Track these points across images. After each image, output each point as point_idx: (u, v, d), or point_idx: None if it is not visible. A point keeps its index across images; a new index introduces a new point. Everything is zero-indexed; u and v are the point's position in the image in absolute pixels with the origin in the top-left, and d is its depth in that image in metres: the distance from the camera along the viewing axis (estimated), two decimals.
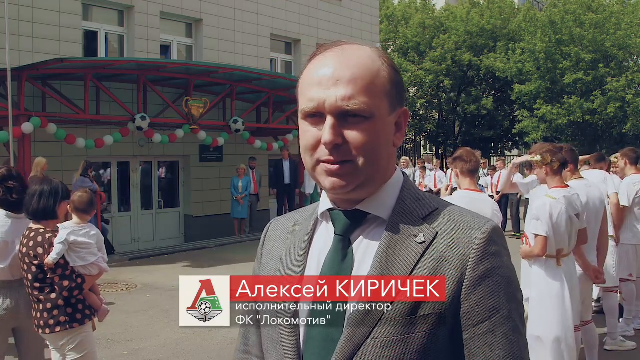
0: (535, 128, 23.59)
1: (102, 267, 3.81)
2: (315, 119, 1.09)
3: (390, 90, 1.11)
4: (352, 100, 1.06)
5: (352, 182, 1.09)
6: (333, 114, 1.07)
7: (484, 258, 1.06)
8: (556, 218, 4.10)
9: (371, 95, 1.08)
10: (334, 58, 1.10)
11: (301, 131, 1.13)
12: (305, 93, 1.11)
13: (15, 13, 10.21)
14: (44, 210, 3.64)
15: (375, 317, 1.04)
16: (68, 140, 9.96)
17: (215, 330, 6.35)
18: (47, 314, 3.55)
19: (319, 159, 1.09)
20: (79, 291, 3.62)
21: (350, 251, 1.12)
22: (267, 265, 1.25)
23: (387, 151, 1.13)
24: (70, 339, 3.61)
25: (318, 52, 1.15)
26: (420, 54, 27.01)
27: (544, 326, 4.10)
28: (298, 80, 1.18)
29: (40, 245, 3.55)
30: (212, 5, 13.58)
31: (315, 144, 1.09)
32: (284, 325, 1.13)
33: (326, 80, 1.08)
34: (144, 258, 10.86)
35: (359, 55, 1.11)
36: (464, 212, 1.13)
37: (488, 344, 1.04)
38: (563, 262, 4.17)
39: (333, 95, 1.07)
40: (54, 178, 3.88)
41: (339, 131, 1.07)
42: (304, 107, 1.11)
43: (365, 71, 1.09)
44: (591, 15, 22.75)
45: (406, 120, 1.17)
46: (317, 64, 1.12)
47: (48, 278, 3.55)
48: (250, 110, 13.08)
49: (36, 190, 3.65)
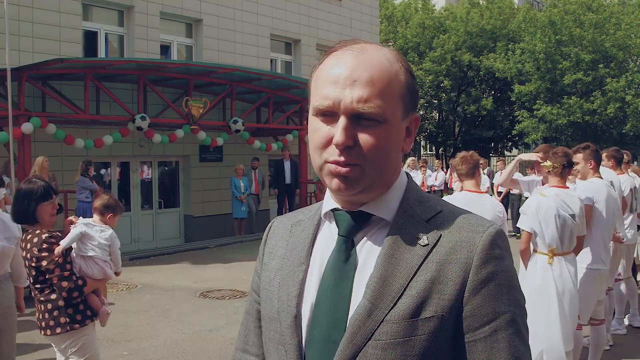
0: (535, 128, 23.59)
1: (107, 273, 3.80)
2: (328, 117, 1.07)
3: (405, 95, 1.10)
4: (368, 102, 1.04)
5: (358, 186, 1.08)
6: (347, 114, 1.05)
7: (487, 261, 1.05)
8: (544, 214, 4.10)
9: (387, 99, 1.06)
10: (353, 57, 1.07)
11: (312, 128, 1.11)
12: (319, 89, 1.08)
13: (15, 13, 10.21)
14: (21, 213, 3.56)
15: (377, 319, 1.04)
16: (67, 141, 9.96)
17: (215, 330, 6.36)
18: (47, 315, 3.53)
19: (327, 159, 1.08)
20: (78, 293, 3.57)
21: (354, 252, 1.12)
22: (269, 264, 1.24)
23: (396, 156, 1.11)
24: (73, 341, 3.58)
25: (336, 48, 1.11)
26: (420, 54, 27.02)
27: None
28: (312, 73, 1.14)
29: (36, 246, 3.50)
30: (212, 5, 13.58)
31: (325, 142, 1.07)
32: (286, 326, 1.12)
33: (343, 79, 1.05)
34: (144, 258, 10.86)
35: (378, 57, 1.08)
36: (468, 215, 1.13)
37: (490, 347, 1.04)
38: (555, 261, 4.14)
39: (349, 96, 1.04)
40: (51, 175, 3.85)
41: (351, 133, 1.05)
42: (318, 104, 1.08)
43: (383, 74, 1.06)
44: (591, 15, 22.75)
45: (416, 126, 1.15)
46: (334, 61, 1.09)
47: (47, 279, 3.52)
48: (250, 110, 13.09)
49: (16, 192, 3.61)
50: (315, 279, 1.14)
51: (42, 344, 5.58)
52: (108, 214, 3.92)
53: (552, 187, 4.27)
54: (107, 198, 3.98)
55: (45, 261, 3.50)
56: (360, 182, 1.07)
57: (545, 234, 4.12)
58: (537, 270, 4.18)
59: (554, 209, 4.10)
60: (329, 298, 1.10)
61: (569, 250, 4.22)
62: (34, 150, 9.57)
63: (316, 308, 1.11)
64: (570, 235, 4.17)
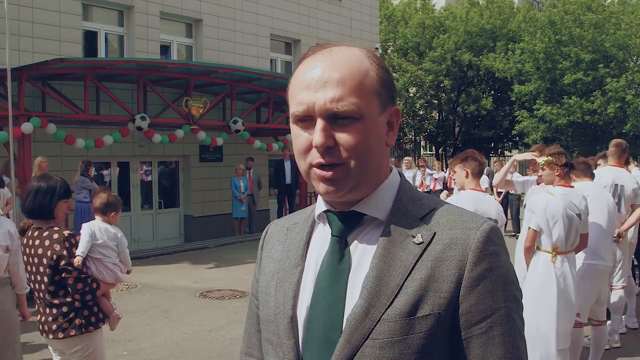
0: (535, 128, 23.59)
1: (118, 276, 3.76)
2: (306, 122, 1.09)
3: (379, 90, 1.10)
4: (342, 101, 1.05)
5: (345, 186, 1.08)
6: (323, 116, 1.06)
7: (482, 258, 1.06)
8: (552, 213, 4.14)
9: (360, 96, 1.07)
10: (322, 60, 1.09)
11: (293, 136, 1.12)
12: (294, 97, 1.10)
13: (15, 13, 10.21)
14: (40, 208, 3.51)
15: (374, 318, 1.04)
16: (67, 141, 9.96)
17: (215, 330, 6.36)
18: (61, 318, 3.46)
19: (311, 163, 1.09)
20: (91, 296, 3.54)
21: (348, 252, 1.12)
22: (267, 268, 1.25)
23: (380, 151, 1.12)
24: (84, 346, 3.53)
25: (306, 55, 1.13)
26: (419, 54, 27.01)
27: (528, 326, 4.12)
28: (289, 83, 1.16)
29: (58, 243, 3.42)
30: (212, 5, 13.58)
31: (307, 147, 1.09)
32: (282, 328, 1.13)
33: (314, 82, 1.07)
34: (144, 258, 10.86)
35: (347, 56, 1.09)
36: (462, 212, 1.13)
37: (486, 343, 1.04)
38: (558, 260, 4.16)
39: (322, 97, 1.06)
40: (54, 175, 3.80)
41: (329, 133, 1.06)
42: (294, 110, 1.09)
43: (353, 72, 1.08)
44: (591, 15, 22.75)
45: (398, 119, 1.16)
46: (305, 67, 1.11)
47: (63, 278, 3.44)
48: (250, 110, 13.09)
49: (33, 187, 3.54)
50: (310, 280, 1.14)
51: (42, 344, 5.57)
52: (111, 213, 3.84)
53: (559, 186, 4.29)
54: (106, 196, 3.88)
55: (64, 260, 3.43)
56: (347, 182, 1.08)
57: (553, 232, 4.15)
58: (539, 267, 4.20)
59: (561, 207, 4.13)
60: (325, 298, 1.10)
61: (571, 249, 4.25)
62: (34, 150, 9.57)
63: (312, 309, 1.11)
64: (575, 234, 4.21)
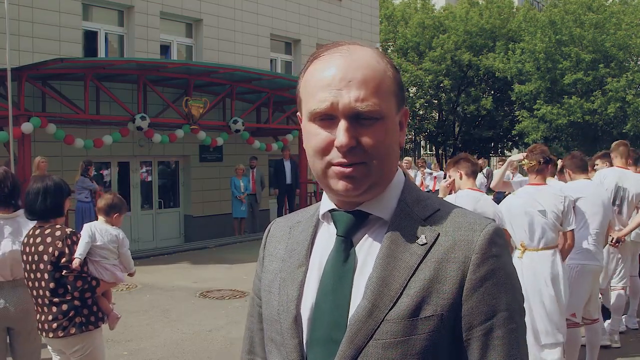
0: (535, 128, 23.60)
1: (117, 276, 3.76)
2: (326, 121, 1.07)
3: (396, 90, 1.11)
4: (365, 101, 1.05)
5: (363, 184, 1.08)
6: (346, 115, 1.05)
7: (485, 260, 1.06)
8: (512, 212, 4.31)
9: (381, 96, 1.07)
10: (342, 59, 1.08)
11: (308, 134, 1.10)
12: (313, 94, 1.08)
13: (15, 13, 10.21)
14: (54, 208, 3.54)
15: (378, 319, 1.04)
16: (67, 141, 9.96)
17: (215, 330, 6.36)
18: (61, 316, 3.46)
19: (330, 162, 1.07)
20: (90, 294, 3.54)
21: (353, 252, 1.12)
22: (269, 266, 1.24)
23: (396, 151, 1.13)
24: (84, 345, 3.53)
25: (321, 52, 1.12)
26: (419, 54, 27.02)
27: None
28: (299, 81, 1.15)
29: (60, 240, 3.44)
30: (212, 5, 13.58)
31: (326, 147, 1.07)
32: (286, 327, 1.13)
33: (337, 81, 1.06)
34: (144, 258, 10.84)
35: (366, 56, 1.09)
36: (466, 213, 1.13)
37: (488, 345, 1.04)
38: (526, 256, 4.24)
39: (347, 96, 1.05)
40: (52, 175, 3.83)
41: (353, 133, 1.05)
42: (315, 107, 1.07)
43: (374, 72, 1.08)
44: (591, 15, 22.77)
45: (406, 119, 1.17)
46: (322, 65, 1.09)
47: (63, 276, 3.45)
48: (250, 110, 13.09)
49: (39, 188, 3.53)
50: (314, 280, 1.14)
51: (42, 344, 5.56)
52: (114, 214, 3.84)
53: (528, 185, 4.44)
54: (111, 197, 3.90)
55: (65, 258, 3.44)
56: (366, 180, 1.08)
57: (515, 230, 4.30)
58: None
59: (520, 206, 4.29)
60: (329, 299, 1.10)
61: (544, 247, 4.25)
62: (34, 150, 9.57)
63: (316, 309, 1.11)
64: (542, 231, 4.23)
